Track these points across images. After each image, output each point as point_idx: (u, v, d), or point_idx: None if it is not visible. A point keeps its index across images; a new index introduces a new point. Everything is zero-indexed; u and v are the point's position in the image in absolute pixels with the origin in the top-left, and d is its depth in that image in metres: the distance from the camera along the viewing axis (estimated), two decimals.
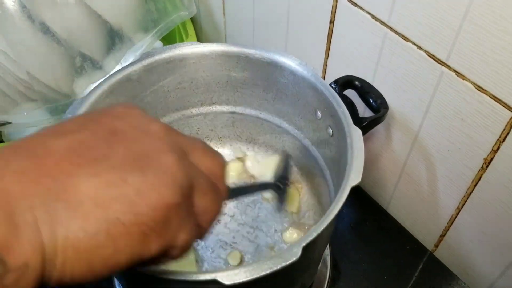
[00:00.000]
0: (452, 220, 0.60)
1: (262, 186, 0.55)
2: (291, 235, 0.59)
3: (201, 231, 0.31)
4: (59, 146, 0.26)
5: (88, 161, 0.25)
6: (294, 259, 0.37)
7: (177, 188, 0.27)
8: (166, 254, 0.28)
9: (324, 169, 0.56)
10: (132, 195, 0.25)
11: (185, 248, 0.29)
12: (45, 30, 0.66)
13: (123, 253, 0.25)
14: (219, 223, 0.60)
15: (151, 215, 0.26)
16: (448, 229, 0.62)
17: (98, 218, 0.24)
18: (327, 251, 0.61)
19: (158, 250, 0.27)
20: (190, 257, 0.56)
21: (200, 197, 0.29)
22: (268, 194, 0.63)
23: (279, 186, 0.54)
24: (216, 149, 0.66)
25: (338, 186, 0.44)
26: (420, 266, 0.64)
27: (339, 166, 0.49)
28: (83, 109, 0.49)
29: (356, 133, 0.46)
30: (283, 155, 0.57)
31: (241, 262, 0.57)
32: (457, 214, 0.59)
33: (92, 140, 0.27)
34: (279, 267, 0.36)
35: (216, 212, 0.32)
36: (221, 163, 0.33)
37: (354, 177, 0.42)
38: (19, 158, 0.25)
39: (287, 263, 0.37)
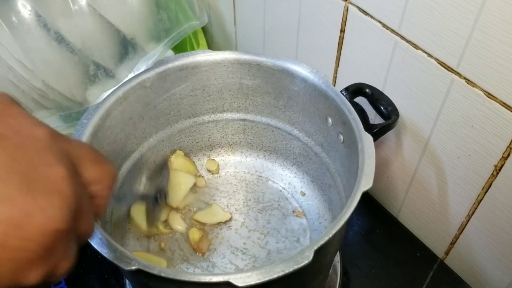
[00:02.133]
0: (462, 228, 0.60)
1: (143, 197, 0.59)
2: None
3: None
4: None
5: None
6: (306, 262, 0.37)
7: (67, 211, 0.25)
8: (43, 281, 0.26)
9: (335, 176, 0.56)
10: (20, 217, 0.23)
11: (64, 276, 0.27)
12: (60, 39, 0.67)
13: (0, 279, 0.23)
14: (230, 229, 0.61)
15: (38, 240, 0.23)
16: (459, 237, 0.62)
17: None
18: (337, 258, 0.62)
19: (39, 279, 0.25)
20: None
21: (82, 220, 0.27)
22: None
23: (157, 199, 0.57)
24: (227, 156, 0.67)
25: (349, 192, 0.44)
26: (431, 274, 0.64)
27: (350, 172, 0.49)
28: (98, 114, 0.50)
29: (367, 139, 0.46)
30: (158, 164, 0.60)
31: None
32: (467, 221, 0.59)
33: None
34: (291, 270, 0.37)
35: (90, 237, 0.30)
36: (110, 171, 0.31)
37: (365, 182, 0.42)
38: None
39: (299, 266, 0.37)
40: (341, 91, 0.54)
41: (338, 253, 0.61)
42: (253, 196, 0.64)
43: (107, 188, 0.30)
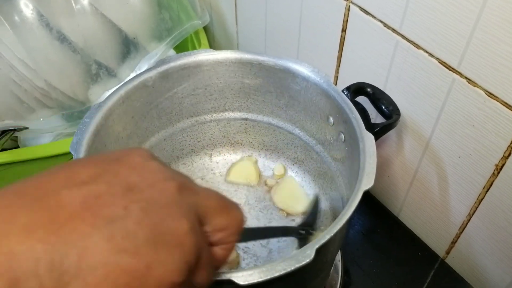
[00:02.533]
0: (463, 227, 0.60)
1: (284, 231, 0.55)
2: None
3: None
4: (72, 198, 0.24)
5: (103, 221, 0.24)
6: (308, 260, 0.37)
7: (185, 265, 0.26)
8: None
9: (336, 175, 0.56)
10: (142, 269, 0.24)
11: None
12: (62, 38, 0.67)
13: None
14: None
15: None
16: (459, 236, 0.62)
17: None
18: (338, 258, 0.62)
19: None
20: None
21: (199, 272, 0.28)
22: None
23: (302, 233, 0.54)
24: (229, 155, 0.68)
25: (350, 191, 0.45)
26: (432, 273, 0.64)
27: (351, 171, 0.49)
28: (100, 113, 0.51)
29: (368, 138, 0.46)
30: (313, 198, 0.57)
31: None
32: (468, 220, 0.59)
33: (108, 195, 0.25)
34: (293, 268, 0.37)
35: (207, 285, 0.31)
36: (236, 218, 0.32)
37: (366, 181, 0.42)
38: (27, 209, 0.23)
39: (301, 264, 0.37)
40: (342, 91, 0.54)
41: (339, 252, 0.61)
42: (254, 195, 0.65)
43: (233, 235, 0.31)
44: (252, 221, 0.62)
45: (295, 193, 0.64)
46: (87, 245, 0.23)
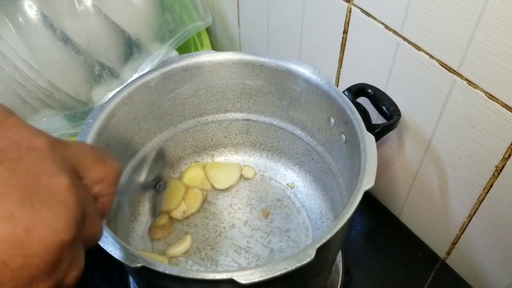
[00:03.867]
0: (463, 228, 0.61)
1: (143, 187, 0.59)
2: None
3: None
4: None
5: None
6: (309, 260, 0.38)
7: (72, 221, 0.24)
8: None
9: (337, 175, 0.57)
10: (21, 234, 0.22)
11: (74, 283, 0.26)
12: (66, 39, 0.68)
13: None
14: (234, 228, 0.61)
15: (42, 256, 0.22)
16: (460, 237, 0.62)
17: None
18: (339, 258, 0.62)
19: None
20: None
21: (88, 226, 0.27)
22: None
23: (158, 187, 0.57)
24: (230, 155, 0.68)
25: (351, 191, 0.45)
26: (432, 274, 0.64)
27: (352, 172, 0.50)
28: (103, 114, 0.51)
29: (369, 139, 0.47)
30: (157, 151, 0.59)
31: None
32: (469, 221, 0.59)
33: None
34: (294, 267, 0.37)
35: (98, 240, 0.30)
36: (113, 168, 0.30)
37: (367, 181, 0.43)
38: None
39: (302, 263, 0.37)
40: (343, 92, 0.54)
41: (340, 252, 0.62)
42: (256, 195, 0.65)
43: (111, 185, 0.30)
44: (254, 221, 0.62)
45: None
46: None
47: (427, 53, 0.52)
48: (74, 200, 0.24)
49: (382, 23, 0.56)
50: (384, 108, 0.56)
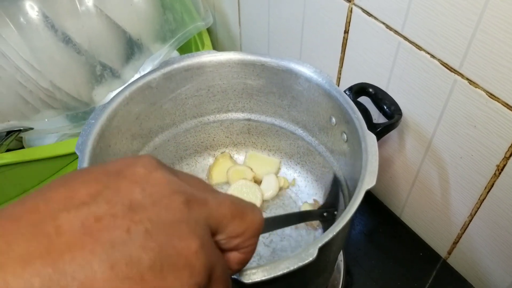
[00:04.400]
0: (465, 227, 0.61)
1: (306, 216, 0.53)
2: None
3: None
4: (71, 223, 0.22)
5: (104, 246, 0.22)
6: (311, 259, 0.38)
7: (195, 286, 0.24)
8: None
9: (339, 174, 0.57)
10: None
11: None
12: (67, 39, 0.68)
13: None
14: None
15: None
16: (461, 236, 0.62)
17: None
18: (340, 257, 0.62)
19: None
20: None
21: (214, 286, 0.27)
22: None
23: (324, 216, 0.52)
24: (232, 155, 0.68)
25: (352, 191, 0.45)
26: (433, 274, 0.64)
27: (354, 171, 0.50)
28: (105, 114, 0.51)
29: (370, 138, 0.47)
30: (332, 178, 0.54)
31: None
32: (470, 221, 0.59)
33: (109, 217, 0.23)
34: (296, 266, 0.37)
35: None
36: (253, 221, 0.29)
37: (368, 180, 0.43)
38: (23, 237, 0.21)
39: (304, 263, 0.37)
40: (344, 91, 0.54)
41: (341, 252, 0.62)
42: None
43: (250, 239, 0.29)
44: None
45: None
46: (88, 275, 0.21)
47: (428, 53, 0.52)
48: (200, 266, 0.24)
49: (383, 23, 0.56)
50: (385, 108, 0.56)
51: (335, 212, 0.53)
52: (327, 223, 0.52)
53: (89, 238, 0.22)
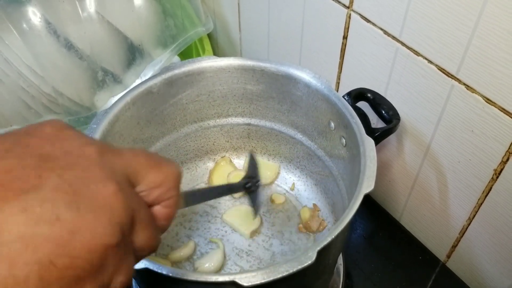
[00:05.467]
0: (463, 231, 0.61)
1: (230, 189, 0.53)
2: None
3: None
4: None
5: (15, 193, 0.23)
6: (310, 262, 0.38)
7: (116, 226, 0.25)
8: None
9: (338, 179, 0.57)
10: (66, 236, 0.23)
11: None
12: (69, 45, 0.69)
13: None
14: (235, 231, 0.62)
15: (87, 257, 0.23)
16: (460, 240, 0.62)
17: (28, 261, 0.22)
18: (340, 261, 0.63)
19: None
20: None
21: (139, 233, 0.27)
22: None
23: (248, 187, 0.52)
24: (232, 160, 0.69)
25: (351, 194, 0.46)
26: (432, 277, 0.65)
27: (352, 175, 0.50)
28: (107, 119, 0.52)
29: (368, 143, 0.47)
30: (249, 154, 0.55)
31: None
32: (469, 225, 0.60)
33: (19, 168, 0.24)
34: (295, 269, 0.38)
35: (154, 248, 0.29)
36: (171, 172, 0.30)
37: (367, 184, 0.43)
38: None
39: (303, 266, 0.38)
40: (343, 96, 0.55)
41: (341, 255, 0.62)
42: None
43: (172, 189, 0.30)
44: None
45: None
46: (0, 219, 0.22)
47: (426, 58, 0.53)
48: (120, 206, 0.25)
49: (381, 29, 0.56)
50: (383, 112, 0.57)
51: (258, 182, 0.53)
52: (252, 194, 0.53)
53: (1, 187, 0.23)
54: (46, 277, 0.22)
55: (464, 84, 0.50)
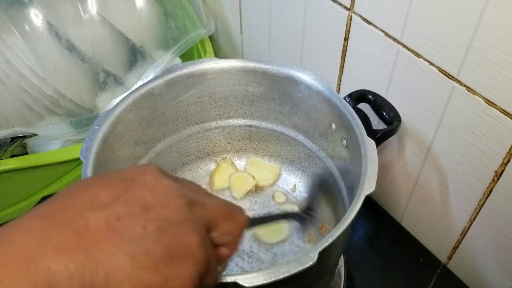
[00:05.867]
0: (464, 233, 0.61)
1: (285, 216, 0.57)
2: None
3: None
4: (97, 220, 0.27)
5: (126, 240, 0.26)
6: (311, 263, 0.38)
7: (197, 274, 0.29)
8: None
9: (339, 180, 0.58)
10: (161, 282, 0.27)
11: None
12: (71, 47, 0.69)
13: None
14: None
15: None
16: (461, 242, 0.63)
17: None
18: (341, 263, 0.63)
19: None
20: None
21: (208, 276, 0.31)
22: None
23: (302, 216, 0.55)
24: (233, 161, 0.69)
25: (352, 196, 0.46)
26: (434, 279, 0.65)
27: (353, 177, 0.50)
28: (109, 121, 0.52)
29: (370, 144, 0.47)
30: (312, 182, 0.58)
31: None
32: (469, 226, 0.60)
33: (128, 216, 0.27)
34: (296, 270, 0.38)
35: (216, 284, 0.34)
36: (240, 223, 0.34)
37: (368, 186, 0.44)
38: (58, 231, 0.26)
39: (304, 267, 0.38)
40: (344, 98, 0.55)
41: (342, 257, 0.62)
42: (259, 200, 0.66)
43: (237, 236, 0.34)
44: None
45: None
46: (113, 263, 0.26)
47: (427, 60, 0.53)
48: (202, 256, 0.29)
49: (382, 31, 0.57)
50: (384, 114, 0.57)
51: (313, 214, 0.57)
52: (304, 223, 0.56)
53: (113, 233, 0.26)
54: None
55: (465, 85, 0.50)
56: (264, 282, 0.38)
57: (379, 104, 0.58)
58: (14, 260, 0.24)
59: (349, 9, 0.60)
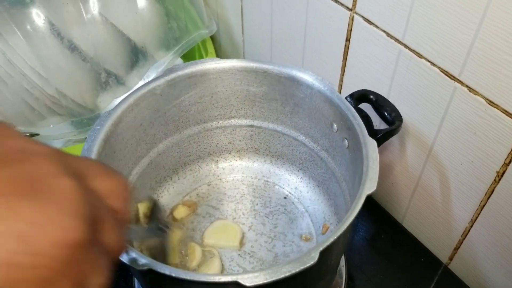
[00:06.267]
0: (465, 233, 0.61)
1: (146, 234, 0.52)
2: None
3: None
4: None
5: None
6: (312, 263, 0.38)
7: (79, 219, 0.22)
8: None
9: (340, 180, 0.58)
10: (28, 230, 0.21)
11: None
12: (73, 47, 0.69)
13: None
14: None
15: (53, 254, 0.21)
16: (462, 242, 0.62)
17: None
18: (342, 263, 0.63)
19: None
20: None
21: (107, 232, 0.25)
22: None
23: (164, 230, 0.52)
24: (234, 161, 0.69)
25: (353, 196, 0.46)
26: (435, 279, 0.65)
27: (355, 177, 0.50)
28: (110, 121, 0.52)
29: (371, 144, 0.47)
30: (150, 200, 0.54)
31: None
32: (471, 227, 0.60)
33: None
34: (297, 270, 0.38)
35: (123, 249, 0.28)
36: (123, 183, 0.28)
37: (369, 186, 0.44)
38: None
39: (305, 266, 0.38)
40: (346, 98, 0.55)
41: (343, 257, 0.62)
42: (260, 201, 0.66)
43: (123, 200, 0.28)
44: (258, 226, 0.63)
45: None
46: None
47: (429, 61, 0.53)
48: (79, 199, 0.23)
49: (384, 31, 0.57)
50: (386, 114, 0.57)
51: (167, 229, 0.53)
52: (163, 238, 0.53)
53: None
54: (11, 280, 0.20)
55: (467, 86, 0.50)
56: (265, 281, 0.38)
57: (381, 104, 0.58)
58: None
59: (350, 10, 0.60)
